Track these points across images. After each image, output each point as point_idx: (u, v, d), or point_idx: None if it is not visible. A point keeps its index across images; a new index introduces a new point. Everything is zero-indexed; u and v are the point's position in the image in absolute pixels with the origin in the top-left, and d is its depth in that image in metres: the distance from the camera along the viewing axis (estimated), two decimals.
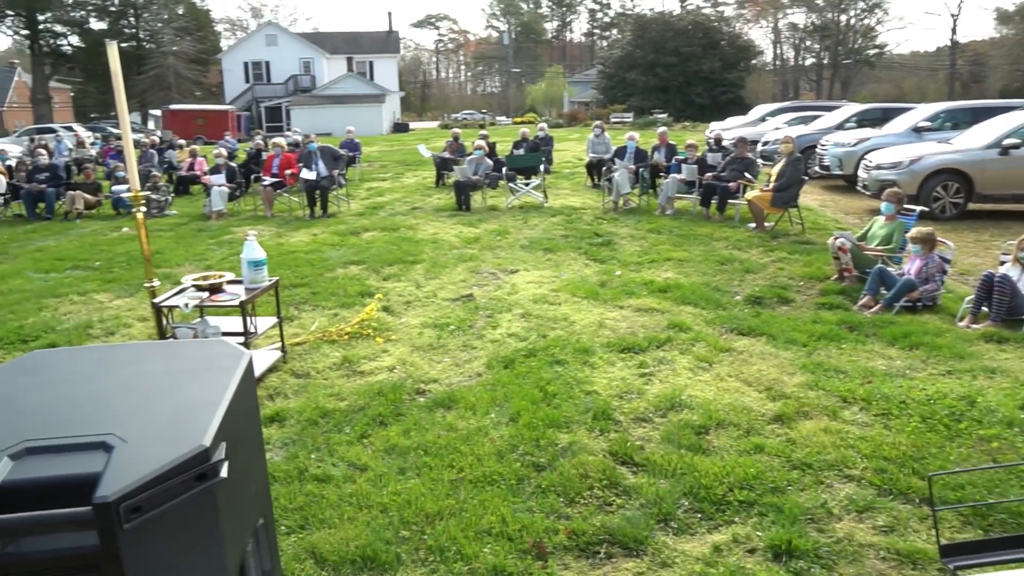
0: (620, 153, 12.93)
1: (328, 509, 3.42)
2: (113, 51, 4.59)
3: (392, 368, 5.22)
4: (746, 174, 10.69)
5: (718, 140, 13.35)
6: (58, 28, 56.49)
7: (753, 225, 9.96)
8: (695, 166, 11.38)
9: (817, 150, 15.33)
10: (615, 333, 5.81)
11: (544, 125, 17.93)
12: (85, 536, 1.02)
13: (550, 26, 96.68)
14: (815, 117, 19.11)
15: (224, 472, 1.08)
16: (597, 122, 16.63)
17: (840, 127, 16.35)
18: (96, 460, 1.06)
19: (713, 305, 6.47)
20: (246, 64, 54.45)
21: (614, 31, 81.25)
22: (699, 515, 3.31)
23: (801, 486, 3.51)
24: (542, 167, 13.25)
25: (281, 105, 49.84)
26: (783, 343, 5.46)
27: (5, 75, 60.49)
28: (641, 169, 12.20)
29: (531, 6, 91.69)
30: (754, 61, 54.48)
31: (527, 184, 12.97)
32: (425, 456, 3.91)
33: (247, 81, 53.74)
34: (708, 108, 46.81)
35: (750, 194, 10.10)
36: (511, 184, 12.82)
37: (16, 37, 56.71)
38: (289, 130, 29.57)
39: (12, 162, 15.70)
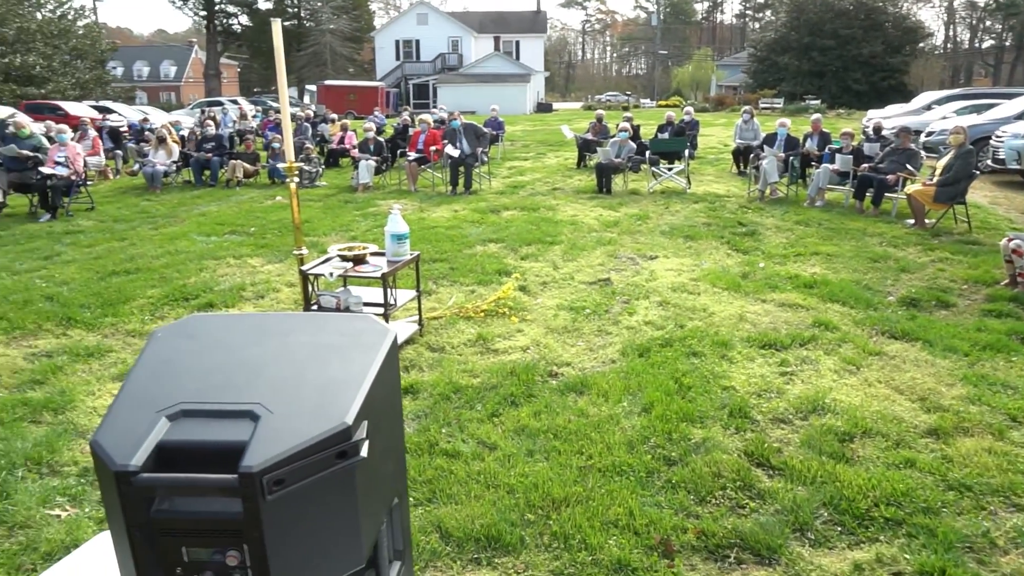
0: (770, 140, 12.40)
1: (456, 485, 3.46)
2: (277, 28, 4.78)
3: (526, 348, 5.23)
4: (907, 166, 9.99)
5: (877, 129, 12.57)
6: (230, 8, 60.16)
7: (912, 221, 9.31)
8: (850, 156, 10.74)
9: (991, 142, 14.11)
10: (756, 328, 5.58)
11: (690, 109, 17.47)
12: (230, 502, 1.04)
13: (700, 7, 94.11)
14: (990, 106, 17.59)
15: (364, 451, 1.08)
16: (746, 107, 16.01)
17: (1020, 117, 14.99)
18: (243, 429, 1.08)
19: (863, 304, 6.09)
20: (397, 42, 56.05)
21: (767, 12, 77.90)
22: (839, 528, 3.11)
23: (958, 509, 3.23)
24: (687, 152, 12.89)
25: (429, 83, 51.04)
26: (941, 351, 5.07)
27: (184, 53, 65.21)
28: (791, 157, 11.66)
29: None
30: (921, 44, 50.65)
31: (670, 169, 12.67)
32: (554, 440, 3.89)
33: (397, 59, 55.34)
34: (866, 95, 44.14)
35: (910, 188, 9.43)
36: (654, 168, 12.56)
37: (196, 17, 60.81)
38: (435, 107, 30.20)
39: (185, 132, 16.84)
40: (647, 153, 12.82)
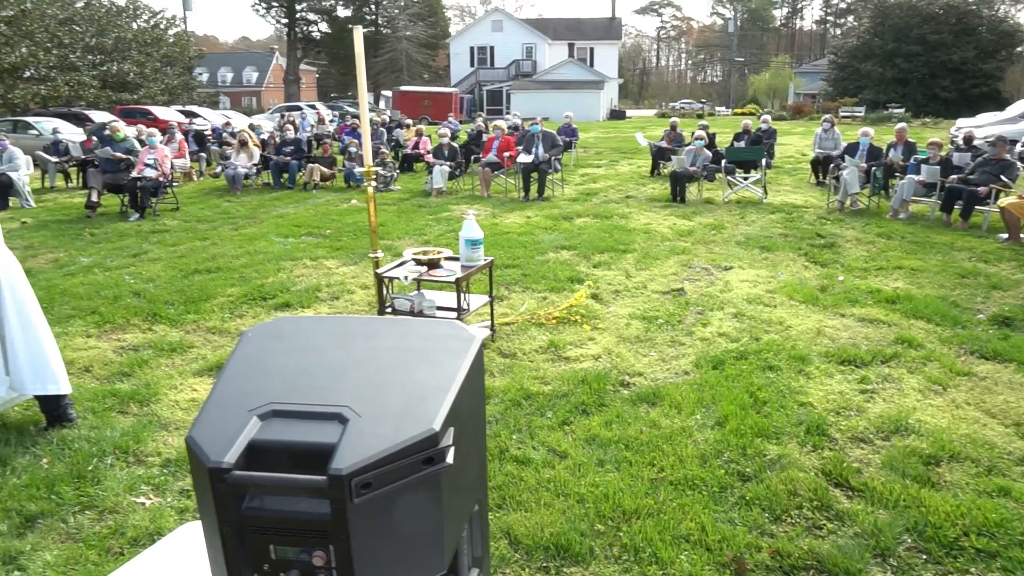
0: (851, 150, 12.04)
1: (526, 492, 3.46)
2: (358, 35, 4.87)
3: (598, 357, 5.20)
4: (1002, 177, 9.58)
5: (968, 139, 12.07)
6: (311, 16, 61.87)
7: (1006, 236, 8.91)
8: (937, 167, 10.35)
9: None
10: (835, 343, 5.42)
11: (767, 117, 17.13)
12: (318, 503, 1.06)
13: (779, 13, 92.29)
14: None
15: (450, 458, 1.08)
16: (827, 116, 15.62)
17: None
18: (332, 431, 1.09)
19: (950, 322, 5.85)
20: (472, 48, 56.56)
21: (850, 18, 75.86)
22: (924, 556, 2.99)
23: None
24: (763, 161, 12.64)
25: (502, 89, 51.35)
26: None
27: (266, 59, 67.27)
28: (874, 168, 11.30)
29: None
30: (1020, 49, 48.26)
31: (746, 178, 12.44)
32: (626, 451, 3.85)
33: (472, 65, 55.84)
34: (954, 103, 42.39)
35: (1005, 200, 9.03)
36: (729, 177, 12.35)
37: (277, 25, 62.76)
38: (509, 113, 30.36)
39: (265, 136, 17.34)
40: (723, 162, 12.61)
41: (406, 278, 4.94)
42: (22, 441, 4.04)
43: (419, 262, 5.11)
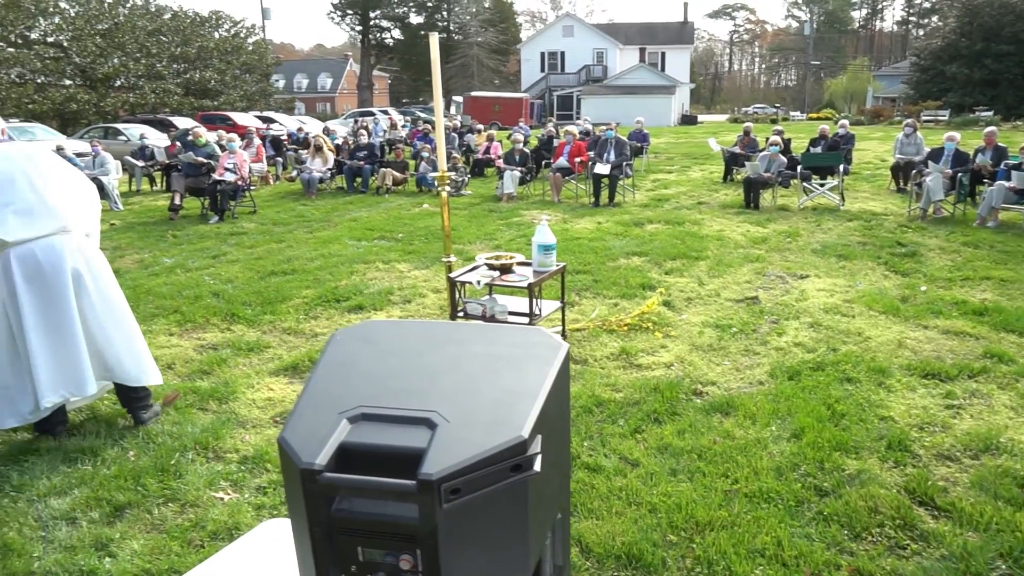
0: (935, 155, 11.60)
1: (597, 500, 3.43)
2: (434, 42, 4.92)
3: (670, 365, 5.13)
4: None
5: None
6: (384, 23, 63.01)
7: None
8: None
9: None
10: (917, 355, 5.22)
11: (845, 122, 16.67)
12: (406, 507, 1.06)
13: (858, 14, 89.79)
14: None
15: (538, 466, 1.08)
16: (908, 120, 15.09)
17: None
18: (421, 436, 1.10)
19: None
20: (542, 54, 56.71)
21: (934, 18, 73.27)
22: None
23: None
24: (841, 167, 12.30)
25: (572, 94, 51.31)
26: None
27: (340, 65, 68.80)
28: (960, 174, 10.87)
29: None
30: None
31: (823, 184, 12.13)
32: (699, 461, 3.78)
33: (542, 70, 55.97)
34: None
35: None
36: (805, 183, 12.06)
37: (352, 32, 64.13)
38: (579, 119, 30.29)
39: (339, 141, 17.71)
40: (798, 168, 12.32)
41: (479, 282, 4.96)
42: (111, 434, 4.21)
43: (491, 267, 5.13)
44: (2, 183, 3.77)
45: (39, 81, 33.56)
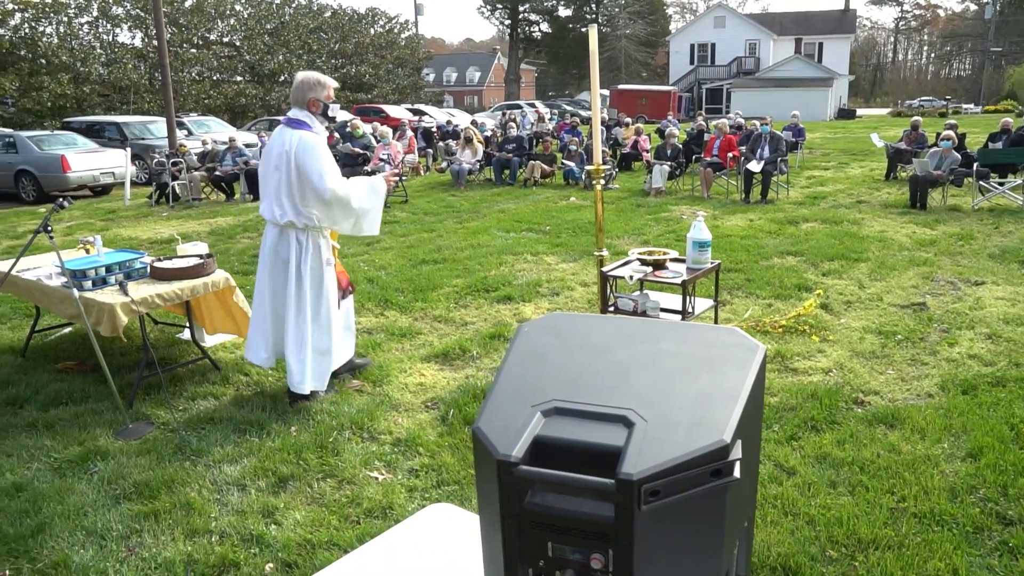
0: None
1: None
2: (593, 34, 4.88)
3: (828, 371, 4.88)
4: None
5: None
6: (532, 17, 63.52)
7: None
8: None
9: None
10: None
11: None
12: (601, 506, 1.05)
13: None
14: None
15: (737, 472, 1.04)
16: None
17: None
18: (617, 433, 1.08)
19: None
20: (692, 46, 55.41)
21: None
22: None
23: None
24: None
25: (723, 87, 49.91)
26: None
27: (488, 59, 70.06)
28: None
29: None
30: None
31: (1002, 183, 11.19)
32: (860, 474, 3.58)
33: (691, 63, 54.71)
34: None
35: None
36: (981, 182, 11.16)
37: (500, 26, 65.13)
38: (729, 112, 29.42)
39: (488, 133, 18.01)
40: (975, 165, 11.42)
41: (631, 278, 4.90)
42: (276, 408, 4.46)
43: (644, 262, 5.05)
44: None
45: (215, 78, 36.10)
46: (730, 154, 12.77)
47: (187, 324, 5.14)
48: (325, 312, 4.45)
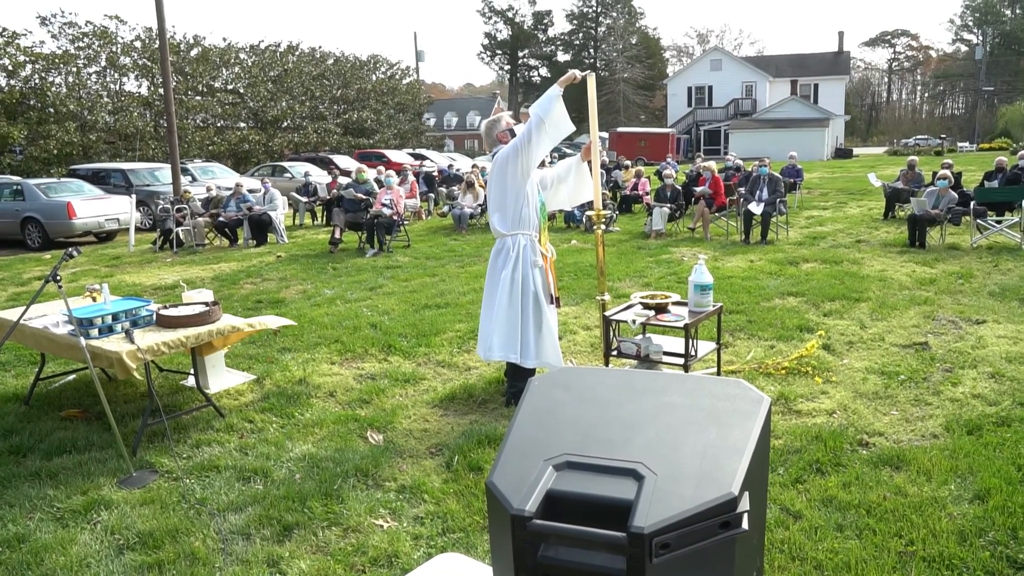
0: None
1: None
2: (591, 82, 5.00)
3: (832, 412, 4.88)
4: None
5: None
6: (532, 62, 64.49)
7: None
8: None
9: None
10: None
11: None
12: (612, 559, 1.06)
13: None
14: None
15: (746, 524, 1.05)
16: None
17: None
18: (627, 487, 1.10)
19: None
20: (689, 88, 56.12)
21: None
22: None
23: None
24: (1022, 202, 11.39)
25: (720, 128, 50.41)
26: None
27: (488, 104, 70.95)
28: None
29: (1019, 11, 79.05)
30: None
31: (1000, 221, 11.26)
32: (867, 517, 3.56)
33: (689, 105, 55.35)
34: None
35: None
36: (979, 220, 11.24)
37: (500, 71, 66.12)
38: (727, 154, 29.70)
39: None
40: (972, 204, 11.51)
41: (634, 322, 4.93)
42: (279, 456, 4.45)
43: (647, 306, 5.08)
44: None
45: (219, 125, 36.58)
46: (725, 201, 12.90)
47: (191, 371, 5.16)
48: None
